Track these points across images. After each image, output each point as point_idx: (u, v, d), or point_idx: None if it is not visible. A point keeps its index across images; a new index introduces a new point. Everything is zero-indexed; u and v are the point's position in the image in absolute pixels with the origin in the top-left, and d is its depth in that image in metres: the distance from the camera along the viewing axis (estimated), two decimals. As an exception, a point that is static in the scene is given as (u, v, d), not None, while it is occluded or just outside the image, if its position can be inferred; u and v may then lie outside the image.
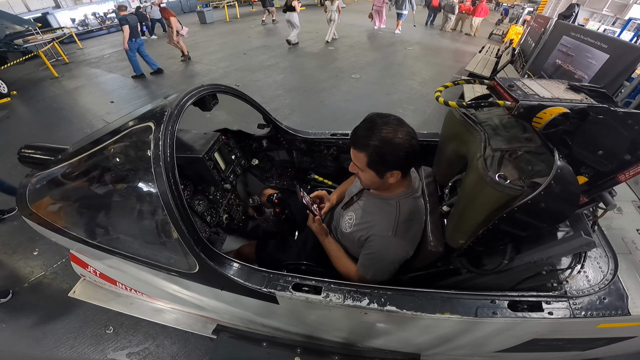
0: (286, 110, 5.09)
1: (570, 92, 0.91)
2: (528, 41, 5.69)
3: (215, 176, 1.65)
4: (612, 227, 1.26)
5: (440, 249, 1.19)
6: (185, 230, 1.11)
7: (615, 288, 1.05)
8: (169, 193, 1.07)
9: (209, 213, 1.65)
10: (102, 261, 1.54)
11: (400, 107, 5.29)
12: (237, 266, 1.22)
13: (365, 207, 1.26)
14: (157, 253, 1.28)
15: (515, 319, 1.01)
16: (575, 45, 3.82)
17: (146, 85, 6.28)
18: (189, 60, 7.54)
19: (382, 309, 1.06)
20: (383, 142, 1.00)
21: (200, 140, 1.66)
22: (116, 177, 1.30)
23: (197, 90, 1.39)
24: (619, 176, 0.88)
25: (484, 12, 11.88)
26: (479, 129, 1.04)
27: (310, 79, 6.41)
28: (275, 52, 8.20)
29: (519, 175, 0.88)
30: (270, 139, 2.11)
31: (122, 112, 5.01)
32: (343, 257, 1.32)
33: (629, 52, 2.91)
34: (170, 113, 1.17)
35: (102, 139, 1.33)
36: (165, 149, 1.09)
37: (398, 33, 10.66)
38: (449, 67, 7.65)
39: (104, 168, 1.33)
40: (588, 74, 3.40)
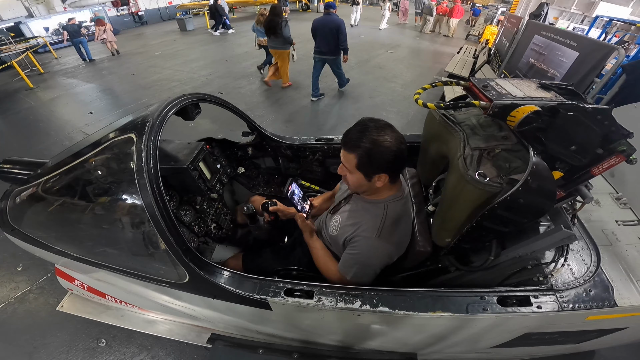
0: (270, 117, 5.07)
1: (541, 90, 0.95)
2: (503, 41, 5.88)
3: (201, 186, 1.63)
4: (592, 220, 1.31)
5: (429, 249, 1.21)
6: (173, 241, 1.10)
7: (600, 280, 1.08)
8: (154, 205, 1.05)
9: (196, 223, 1.63)
10: (89, 274, 1.51)
11: (383, 109, 5.36)
12: (228, 274, 1.21)
13: (352, 210, 1.27)
14: (145, 264, 1.27)
15: (505, 314, 1.03)
16: (546, 44, 3.93)
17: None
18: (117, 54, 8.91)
19: (375, 310, 1.07)
20: (373, 144, 1.02)
21: (184, 150, 1.64)
22: (99, 190, 1.27)
23: (179, 99, 1.37)
24: (593, 170, 0.91)
25: (460, 14, 12.28)
26: (458, 129, 1.07)
27: (294, 84, 6.40)
28: (258, 58, 8.15)
29: (497, 172, 0.90)
30: (255, 146, 2.10)
31: (101, 124, 4.88)
32: (325, 256, 1.33)
33: (597, 49, 2.99)
34: (152, 124, 1.15)
35: (82, 152, 1.30)
36: (149, 160, 1.08)
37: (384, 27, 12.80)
38: (429, 68, 7.83)
39: (86, 181, 1.30)
40: (560, 71, 3.49)
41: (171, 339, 1.72)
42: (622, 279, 1.09)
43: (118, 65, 8.15)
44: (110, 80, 6.97)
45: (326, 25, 4.75)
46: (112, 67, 8.09)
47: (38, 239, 1.39)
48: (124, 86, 6.65)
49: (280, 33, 5.04)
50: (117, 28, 12.21)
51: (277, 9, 5.09)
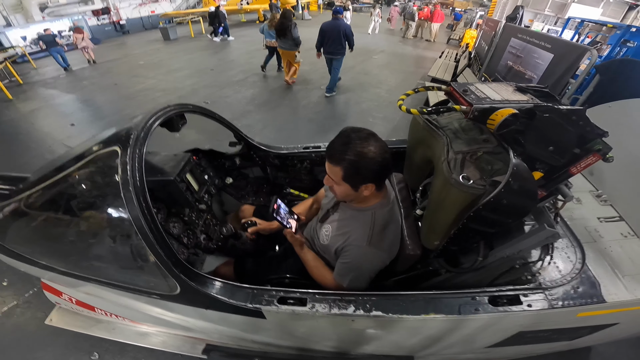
0: (258, 126, 5.05)
1: (518, 93, 0.98)
2: (482, 45, 6.05)
3: (188, 198, 1.61)
4: (574, 218, 1.34)
5: (418, 252, 1.23)
6: (163, 254, 1.08)
7: (587, 277, 1.11)
8: (141, 218, 1.04)
9: (185, 235, 1.60)
10: (77, 288, 1.48)
11: (370, 115, 5.41)
12: (220, 284, 1.20)
13: (341, 219, 1.27)
14: (134, 277, 1.25)
15: (497, 313, 1.05)
16: (522, 46, 4.05)
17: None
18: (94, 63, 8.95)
19: (369, 314, 1.08)
20: (358, 156, 1.02)
21: (171, 162, 1.62)
22: (84, 205, 1.24)
23: (164, 110, 1.36)
24: (572, 169, 0.94)
25: (440, 18, 12.62)
26: (441, 133, 1.09)
27: (280, 93, 6.41)
28: (244, 67, 8.18)
29: (480, 175, 0.92)
30: (242, 156, 2.09)
31: (84, 136, 4.77)
32: (319, 266, 1.33)
33: (571, 51, 3.10)
34: (137, 136, 1.14)
35: (65, 165, 1.27)
36: (134, 173, 1.06)
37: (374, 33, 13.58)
38: (413, 73, 7.99)
39: (70, 195, 1.27)
40: (537, 73, 3.60)
41: (165, 351, 1.70)
42: (608, 275, 1.12)
43: (100, 75, 7.99)
44: (91, 90, 6.81)
45: (335, 29, 5.34)
46: (93, 77, 7.94)
47: (22, 254, 1.36)
48: (106, 97, 6.51)
49: (290, 35, 5.65)
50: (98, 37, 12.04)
51: (287, 13, 5.82)
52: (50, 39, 8.55)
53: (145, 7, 15.00)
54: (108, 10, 13.42)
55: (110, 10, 13.50)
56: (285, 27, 5.64)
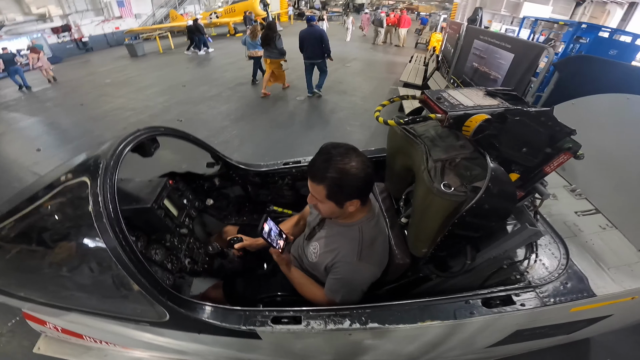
0: (235, 142, 4.95)
1: (488, 97, 1.01)
2: (448, 47, 6.30)
3: (168, 224, 1.55)
4: (553, 214, 1.39)
5: (407, 260, 1.23)
6: (147, 283, 1.05)
7: (573, 272, 1.14)
8: (120, 249, 1.01)
9: (169, 260, 1.54)
10: (61, 317, 1.40)
11: (347, 124, 5.45)
12: (210, 308, 1.17)
13: (328, 236, 1.26)
14: (120, 306, 1.21)
15: (492, 315, 1.06)
16: (485, 47, 4.20)
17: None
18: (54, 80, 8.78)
19: (365, 327, 1.06)
20: (340, 173, 1.01)
21: (146, 188, 1.55)
22: (58, 236, 1.19)
23: (134, 135, 1.31)
24: (545, 168, 0.97)
25: (407, 23, 13.09)
26: (419, 141, 1.10)
27: (256, 107, 6.35)
28: (217, 81, 8.06)
29: (460, 181, 0.93)
30: (222, 176, 2.03)
31: (52, 161, 4.52)
32: (308, 283, 1.32)
33: (530, 50, 3.22)
34: (106, 165, 1.09)
35: (36, 196, 1.22)
36: (107, 205, 1.03)
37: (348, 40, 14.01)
38: (385, 79, 8.18)
39: (43, 227, 1.22)
40: (501, 73, 3.73)
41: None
42: (594, 269, 1.15)
43: (64, 96, 7.62)
44: (56, 112, 6.45)
45: (312, 35, 5.78)
46: (57, 97, 7.56)
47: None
48: (72, 118, 6.20)
49: (275, 45, 5.98)
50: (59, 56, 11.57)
51: (272, 25, 6.17)
52: (9, 57, 8.24)
53: (109, 23, 14.55)
54: (68, 27, 12.90)
55: (70, 28, 12.98)
56: (270, 38, 5.97)
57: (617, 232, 1.30)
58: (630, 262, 1.17)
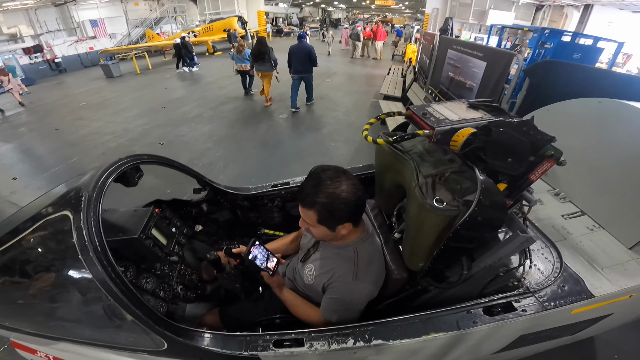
0: (220, 164, 4.84)
1: (471, 110, 1.03)
2: (423, 58, 6.52)
3: (157, 253, 1.51)
4: (541, 219, 1.42)
5: (405, 275, 1.22)
6: (141, 313, 1.03)
7: (569, 274, 1.16)
8: (109, 281, 0.99)
9: (161, 288, 1.49)
10: (51, 346, 1.32)
11: (331, 139, 5.50)
12: (209, 335, 1.14)
13: (323, 257, 1.24)
14: (114, 335, 1.17)
15: (495, 323, 1.06)
16: (458, 57, 4.33)
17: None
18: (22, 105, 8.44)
19: (370, 345, 1.05)
20: (330, 198, 0.99)
21: (132, 218, 1.50)
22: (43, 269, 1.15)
23: (115, 165, 1.27)
24: (531, 176, 0.99)
25: (383, 36, 13.54)
26: (408, 157, 1.11)
27: (238, 126, 6.30)
28: (198, 102, 7.98)
29: (452, 195, 0.94)
30: (209, 201, 2.00)
31: (29, 190, 4.36)
32: (302, 304, 1.30)
33: (500, 57, 3.35)
34: (89, 198, 1.07)
35: (18, 229, 1.18)
36: (92, 238, 1.01)
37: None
38: (366, 92, 8.36)
39: (27, 261, 1.18)
40: (475, 82, 3.84)
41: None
42: (588, 270, 1.17)
43: (38, 120, 7.32)
44: (31, 138, 6.17)
45: (301, 51, 6.19)
46: (31, 122, 7.26)
47: None
48: (48, 144, 5.94)
49: (268, 58, 6.39)
50: (32, 77, 11.22)
51: (262, 40, 6.44)
52: None
53: (82, 43, 14.25)
54: (40, 48, 12.55)
55: (42, 48, 12.63)
56: (263, 52, 6.37)
57: (605, 232, 1.34)
58: (622, 260, 1.21)
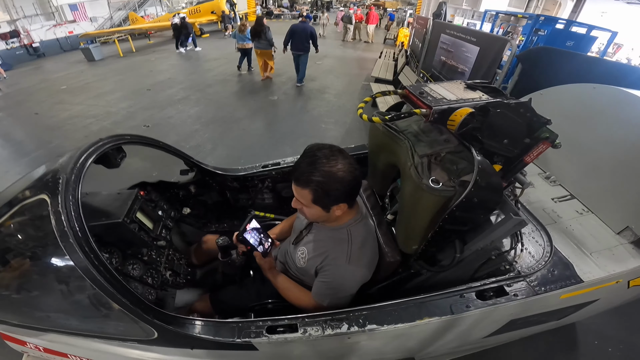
0: (208, 146, 4.76)
1: (469, 90, 1.01)
2: (416, 42, 6.43)
3: (143, 237, 1.45)
4: (532, 202, 1.42)
5: (398, 258, 1.21)
6: (128, 301, 0.98)
7: (558, 258, 1.17)
8: (92, 269, 0.94)
9: (148, 275, 1.45)
10: (40, 337, 1.29)
11: (321, 121, 5.43)
12: (201, 323, 1.12)
13: (317, 240, 1.22)
14: (102, 325, 1.14)
15: (487, 307, 1.07)
16: (452, 41, 4.31)
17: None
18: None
19: (364, 329, 1.05)
20: (326, 176, 0.96)
21: (115, 202, 1.44)
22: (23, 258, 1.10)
23: (95, 145, 1.20)
24: (526, 158, 0.99)
25: (375, 19, 13.30)
26: (402, 137, 1.09)
27: (227, 108, 6.16)
28: (184, 84, 7.72)
29: (448, 176, 0.92)
30: (197, 183, 1.93)
31: (8, 176, 4.14)
32: (292, 287, 1.29)
33: (493, 42, 3.35)
34: (67, 180, 1.00)
35: None
36: (72, 223, 0.95)
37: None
38: (357, 75, 8.26)
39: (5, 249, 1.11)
40: (468, 66, 3.84)
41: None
42: (577, 255, 1.19)
43: (16, 105, 6.95)
44: (9, 123, 5.89)
45: (303, 31, 6.52)
46: (8, 107, 6.88)
47: None
48: (27, 129, 5.70)
49: (264, 37, 6.83)
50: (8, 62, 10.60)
51: (259, 20, 6.83)
52: None
53: (61, 27, 13.49)
54: (17, 33, 11.89)
55: (19, 33, 11.96)
56: (259, 31, 6.84)
57: (594, 216, 1.35)
58: (610, 245, 1.22)
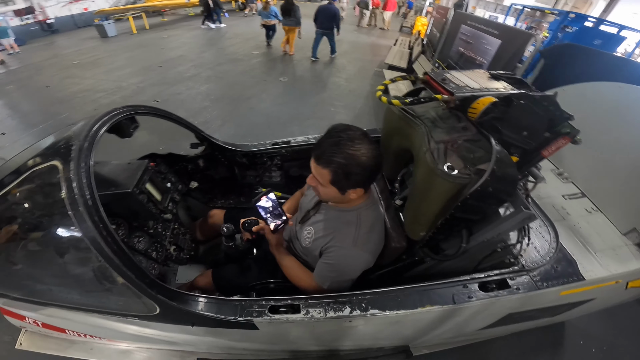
0: (217, 122, 4.78)
1: (493, 80, 0.98)
2: (433, 32, 6.26)
3: (152, 210, 1.46)
4: (542, 197, 1.41)
5: (404, 244, 1.21)
6: (133, 276, 0.98)
7: (563, 255, 1.17)
8: (100, 240, 0.93)
9: (153, 249, 1.46)
10: (39, 312, 1.32)
11: (331, 104, 5.39)
12: (204, 300, 1.12)
13: (324, 220, 1.21)
14: (103, 300, 1.14)
15: (489, 299, 1.08)
16: (472, 33, 4.21)
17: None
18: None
19: (366, 314, 1.06)
20: (349, 159, 0.95)
21: (125, 172, 1.44)
22: (28, 227, 1.10)
23: (109, 115, 1.20)
24: (543, 152, 0.98)
25: (392, 6, 12.90)
26: (419, 122, 1.07)
27: (237, 87, 6.13)
28: (195, 62, 7.66)
29: (464, 163, 0.92)
30: (206, 157, 1.94)
31: (17, 145, 4.22)
32: (296, 267, 1.29)
33: (517, 36, 3.28)
34: (80, 147, 1.00)
35: (1, 184, 1.11)
36: (83, 191, 0.93)
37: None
38: (370, 61, 8.10)
39: (11, 218, 1.11)
40: (487, 58, 3.76)
41: (151, 366, 1.56)
42: (582, 252, 1.19)
43: (27, 78, 6.99)
44: (20, 95, 5.97)
45: (327, 11, 7.14)
46: (19, 80, 6.93)
47: None
48: (38, 101, 5.75)
49: (294, 15, 7.39)
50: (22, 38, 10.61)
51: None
52: None
53: (77, 4, 13.33)
54: (32, 9, 11.83)
55: (34, 10, 11.89)
56: (289, 9, 7.39)
57: (602, 215, 1.34)
58: (614, 245, 1.22)
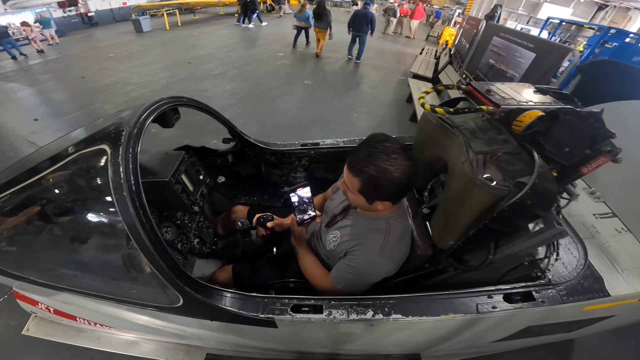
0: (240, 120, 4.89)
1: (539, 94, 0.98)
2: (462, 42, 6.18)
3: (184, 200, 1.50)
4: (572, 214, 1.39)
5: (430, 252, 1.21)
6: (165, 265, 1.00)
7: (591, 272, 1.15)
8: (139, 226, 0.94)
9: (179, 240, 1.51)
10: (53, 297, 1.36)
11: (354, 110, 5.42)
12: (229, 295, 1.14)
13: (352, 225, 1.21)
14: (126, 289, 1.17)
15: (513, 310, 1.07)
16: (504, 45, 4.12)
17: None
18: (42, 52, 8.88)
19: (388, 318, 1.06)
20: (380, 172, 0.94)
21: (163, 161, 1.50)
22: (63, 211, 1.14)
23: (157, 104, 1.25)
24: (583, 169, 0.96)
25: (420, 15, 12.83)
26: (457, 132, 1.08)
27: (262, 87, 6.26)
28: (222, 60, 7.89)
29: (502, 175, 0.92)
30: (235, 153, 1.99)
31: (49, 131, 4.48)
32: (313, 263, 1.31)
33: (554, 51, 3.15)
34: (130, 133, 1.04)
35: (39, 167, 1.15)
36: (129, 175, 0.96)
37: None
38: (394, 69, 8.09)
39: (46, 200, 1.16)
40: (518, 72, 3.66)
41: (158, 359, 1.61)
42: (609, 270, 1.17)
43: (64, 69, 7.41)
44: (56, 84, 6.31)
45: (364, 15, 7.66)
46: (57, 70, 7.36)
47: None
48: (72, 90, 6.07)
49: (325, 19, 8.00)
50: (63, 30, 11.25)
51: (322, 4, 8.03)
52: (2, 30, 8.44)
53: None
54: (76, 2, 12.51)
55: (77, 2, 12.58)
56: (320, 14, 8.00)
57: (632, 236, 1.32)
58: None
